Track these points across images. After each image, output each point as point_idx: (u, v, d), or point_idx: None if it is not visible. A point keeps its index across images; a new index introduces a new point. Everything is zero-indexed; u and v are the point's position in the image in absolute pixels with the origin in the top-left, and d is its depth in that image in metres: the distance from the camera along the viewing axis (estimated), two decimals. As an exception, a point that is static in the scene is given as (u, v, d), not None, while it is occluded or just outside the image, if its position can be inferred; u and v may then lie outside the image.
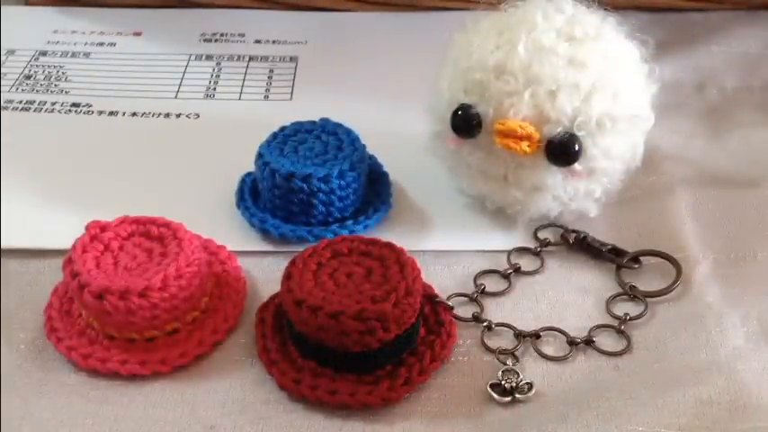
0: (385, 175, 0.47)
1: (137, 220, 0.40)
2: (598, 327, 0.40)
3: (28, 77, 0.57)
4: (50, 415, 0.36)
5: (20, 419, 0.36)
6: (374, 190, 0.46)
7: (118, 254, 0.39)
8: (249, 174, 0.47)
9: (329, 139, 0.45)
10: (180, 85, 0.57)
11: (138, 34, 0.62)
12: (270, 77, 0.58)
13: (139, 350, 0.38)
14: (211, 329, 0.39)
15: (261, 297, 0.41)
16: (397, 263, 0.38)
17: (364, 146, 0.45)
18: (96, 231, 0.39)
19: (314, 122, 0.46)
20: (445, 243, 0.45)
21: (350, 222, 0.44)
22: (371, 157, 0.47)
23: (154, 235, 0.40)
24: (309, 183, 0.43)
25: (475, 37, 0.42)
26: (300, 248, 0.39)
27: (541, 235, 0.45)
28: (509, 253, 0.44)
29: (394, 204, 0.46)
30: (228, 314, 0.40)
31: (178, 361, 0.38)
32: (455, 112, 0.41)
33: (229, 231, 0.45)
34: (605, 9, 0.43)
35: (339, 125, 0.46)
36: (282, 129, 0.46)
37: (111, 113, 0.54)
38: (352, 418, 0.36)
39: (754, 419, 0.35)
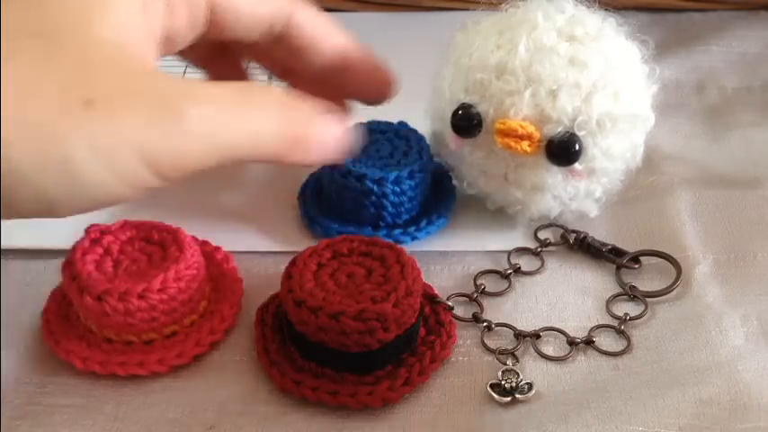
0: (452, 188, 0.46)
1: (137, 225, 0.40)
2: (598, 327, 0.40)
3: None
4: (50, 416, 0.36)
5: (19, 420, 0.36)
6: (437, 201, 0.45)
7: (118, 257, 0.39)
8: (313, 174, 0.46)
9: (399, 143, 0.45)
10: (180, 84, 0.57)
11: (137, 34, 0.62)
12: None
13: (137, 353, 0.38)
14: (209, 330, 0.39)
15: (261, 297, 0.41)
16: (397, 263, 0.38)
17: (431, 156, 0.44)
18: (96, 235, 0.39)
19: (390, 124, 0.45)
20: (445, 243, 0.45)
21: (397, 232, 0.43)
22: (440, 168, 0.46)
23: (154, 239, 0.40)
24: (363, 183, 0.42)
25: (476, 37, 0.42)
26: (300, 249, 0.39)
27: (541, 235, 0.45)
28: (509, 253, 0.44)
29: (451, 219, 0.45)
30: (225, 314, 0.40)
31: (176, 360, 0.38)
32: (456, 112, 0.41)
33: (228, 232, 0.45)
34: (606, 9, 0.43)
35: (413, 131, 0.45)
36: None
37: (111, 113, 0.54)
38: (352, 419, 0.36)
39: (754, 419, 0.35)
